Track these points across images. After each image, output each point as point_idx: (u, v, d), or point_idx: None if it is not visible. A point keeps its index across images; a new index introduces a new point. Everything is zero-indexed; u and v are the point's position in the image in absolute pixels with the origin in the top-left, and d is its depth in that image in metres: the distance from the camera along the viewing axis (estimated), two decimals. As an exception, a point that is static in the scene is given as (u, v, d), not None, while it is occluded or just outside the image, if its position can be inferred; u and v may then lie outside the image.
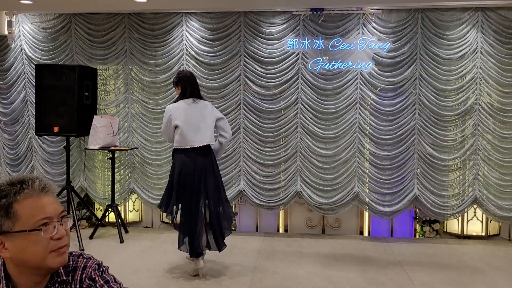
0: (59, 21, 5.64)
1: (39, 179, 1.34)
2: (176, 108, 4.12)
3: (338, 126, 5.40)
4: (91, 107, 5.48)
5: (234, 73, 5.48)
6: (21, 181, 1.32)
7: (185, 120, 4.07)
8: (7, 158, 5.93)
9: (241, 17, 5.41)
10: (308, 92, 5.41)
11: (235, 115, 5.53)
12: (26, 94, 5.78)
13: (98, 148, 5.26)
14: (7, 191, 1.30)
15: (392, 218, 5.54)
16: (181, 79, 4.19)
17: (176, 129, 4.08)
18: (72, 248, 4.82)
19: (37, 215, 1.30)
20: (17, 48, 5.75)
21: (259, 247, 5.14)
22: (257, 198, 5.55)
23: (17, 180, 1.33)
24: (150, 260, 4.68)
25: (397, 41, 5.23)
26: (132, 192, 5.85)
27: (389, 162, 5.38)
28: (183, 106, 4.12)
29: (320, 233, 5.75)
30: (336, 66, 5.30)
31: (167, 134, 4.20)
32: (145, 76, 5.58)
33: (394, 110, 5.32)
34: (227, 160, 5.57)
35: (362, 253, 4.99)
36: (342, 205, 5.46)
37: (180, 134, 4.06)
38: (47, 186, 1.34)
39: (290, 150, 5.50)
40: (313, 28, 5.31)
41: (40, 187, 1.32)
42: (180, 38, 5.52)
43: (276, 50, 5.41)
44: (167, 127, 4.14)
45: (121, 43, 5.59)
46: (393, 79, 5.29)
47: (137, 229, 5.85)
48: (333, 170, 5.45)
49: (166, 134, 4.23)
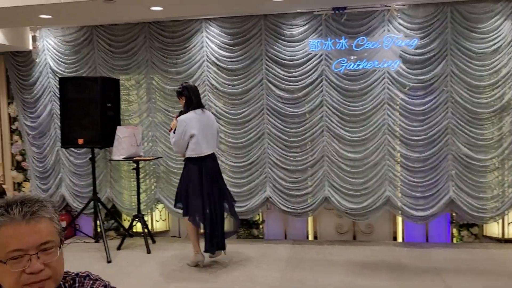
0: (81, 33, 5.68)
1: (25, 205, 1.20)
2: (190, 119, 4.46)
3: (366, 128, 5.20)
4: (115, 118, 5.48)
5: (256, 77, 5.37)
6: (6, 205, 1.20)
7: (199, 129, 4.44)
8: (36, 171, 6.01)
9: (261, 20, 5.29)
10: (333, 94, 5.23)
11: (258, 120, 5.41)
12: (52, 107, 5.84)
13: (122, 158, 5.24)
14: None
15: (427, 222, 5.28)
16: (185, 89, 4.54)
17: (192, 138, 4.42)
18: (100, 260, 4.85)
19: (9, 245, 1.17)
20: (42, 62, 5.82)
21: (288, 256, 4.99)
22: (284, 205, 5.41)
23: (3, 204, 1.21)
24: (176, 272, 4.60)
25: (425, 37, 4.98)
26: (158, 202, 5.81)
27: (421, 164, 5.13)
28: (194, 116, 4.48)
29: (351, 239, 5.55)
30: (362, 66, 5.11)
31: (180, 145, 4.48)
32: (166, 84, 5.54)
33: (425, 109, 5.07)
34: (252, 166, 5.46)
35: (395, 260, 4.76)
36: (373, 210, 5.24)
37: (196, 142, 4.43)
38: (32, 213, 1.19)
39: (317, 155, 5.33)
40: (336, 28, 5.13)
41: (21, 215, 1.18)
42: (200, 45, 5.45)
43: (298, 52, 5.26)
44: (182, 137, 4.43)
45: (142, 53, 5.57)
46: (423, 77, 5.05)
47: (165, 239, 5.80)
48: (362, 174, 5.24)
49: (178, 146, 4.51)
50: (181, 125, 4.43)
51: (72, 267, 4.69)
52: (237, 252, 5.17)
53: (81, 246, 5.59)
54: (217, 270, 4.63)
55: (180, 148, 4.51)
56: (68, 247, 5.54)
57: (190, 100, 4.51)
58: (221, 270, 4.62)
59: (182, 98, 4.58)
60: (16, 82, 5.92)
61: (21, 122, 5.97)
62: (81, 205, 5.78)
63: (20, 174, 6.10)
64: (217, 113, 5.47)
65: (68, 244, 5.65)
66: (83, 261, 4.99)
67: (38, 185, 6.01)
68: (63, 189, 5.92)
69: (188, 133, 4.42)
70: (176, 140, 4.49)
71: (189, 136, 4.43)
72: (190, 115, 4.47)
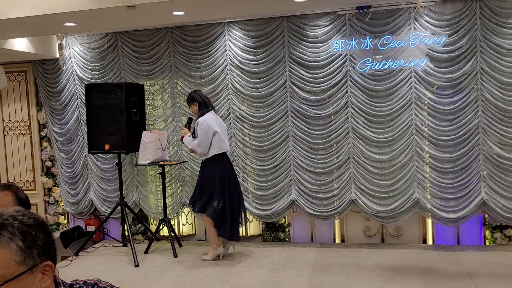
0: (105, 40, 5.75)
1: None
2: (209, 119, 4.79)
3: (393, 129, 5.09)
4: (140, 123, 5.53)
5: (279, 80, 5.32)
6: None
7: (218, 126, 4.80)
8: (65, 176, 6.11)
9: (283, 22, 5.25)
10: (359, 94, 5.14)
11: (282, 123, 5.36)
12: (79, 114, 5.93)
13: (148, 163, 5.28)
14: None
15: (458, 224, 5.13)
16: (196, 93, 4.89)
17: (215, 135, 4.74)
18: (128, 264, 4.89)
19: None
20: (68, 70, 5.92)
21: (315, 259, 4.92)
22: (310, 208, 5.34)
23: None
24: (202, 276, 4.60)
25: (453, 34, 4.84)
26: (184, 206, 5.83)
27: (451, 165, 4.99)
28: (212, 117, 4.84)
29: (380, 242, 5.44)
30: (387, 65, 5.00)
31: (205, 145, 4.73)
32: (190, 88, 5.53)
33: (454, 108, 4.93)
34: (277, 169, 5.41)
35: (426, 264, 4.64)
36: (401, 213, 5.13)
37: (219, 139, 4.76)
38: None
39: (343, 157, 5.24)
40: (360, 27, 5.04)
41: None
42: (223, 48, 5.44)
43: (322, 53, 5.19)
44: (206, 136, 4.71)
45: (165, 58, 5.60)
46: (451, 75, 4.91)
47: (191, 243, 5.81)
48: (390, 175, 5.13)
49: (202, 146, 4.74)
50: (203, 125, 4.73)
51: (100, 271, 4.79)
52: (263, 255, 5.13)
53: (109, 250, 5.65)
54: (243, 273, 4.60)
55: (204, 147, 4.74)
56: (96, 251, 5.62)
57: (204, 103, 4.87)
58: (247, 273, 4.60)
59: (194, 104, 4.89)
60: (44, 89, 6.04)
61: (50, 128, 6.09)
62: (109, 209, 5.86)
63: (50, 179, 6.22)
64: (241, 116, 5.46)
65: (96, 248, 5.73)
66: (111, 265, 5.05)
67: (67, 190, 6.12)
68: (91, 194, 6.00)
69: (211, 131, 4.73)
70: (200, 141, 4.73)
71: (212, 134, 4.73)
72: (208, 116, 4.82)
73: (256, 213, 5.50)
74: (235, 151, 5.52)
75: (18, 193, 1.89)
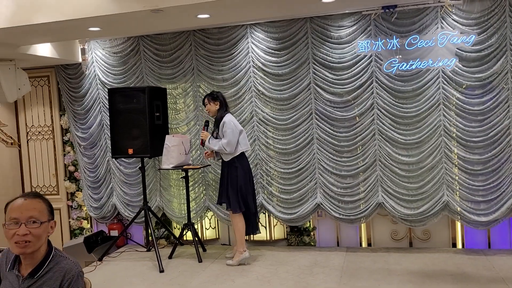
0: (128, 44, 5.74)
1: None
2: (233, 118, 4.94)
3: (421, 131, 4.98)
4: (163, 127, 5.50)
5: (303, 81, 5.25)
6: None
7: (240, 126, 4.95)
8: (88, 181, 6.11)
9: (307, 23, 5.17)
10: (385, 96, 5.04)
11: (307, 125, 5.29)
12: (102, 118, 5.93)
13: (172, 167, 5.24)
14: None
15: (489, 228, 4.99)
16: (219, 93, 5.00)
17: (241, 134, 4.86)
18: (152, 269, 4.85)
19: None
20: (91, 74, 5.93)
21: (342, 264, 4.83)
22: (336, 211, 5.25)
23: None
24: (229, 282, 4.54)
25: (482, 32, 4.72)
26: (207, 210, 5.78)
27: (482, 167, 4.86)
28: (232, 117, 4.97)
29: (408, 246, 5.32)
30: (415, 65, 4.89)
31: (234, 143, 4.79)
32: (213, 92, 5.50)
33: (484, 109, 4.80)
34: (301, 172, 5.34)
35: (457, 269, 4.52)
36: (430, 216, 5.01)
37: (244, 137, 4.91)
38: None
39: (369, 159, 5.15)
40: (386, 27, 4.94)
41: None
42: (246, 51, 5.39)
43: (346, 54, 5.10)
44: (234, 135, 4.78)
45: (188, 61, 5.57)
46: (481, 74, 4.78)
47: (215, 247, 5.77)
48: (418, 178, 5.02)
49: (232, 145, 4.78)
50: (230, 124, 4.81)
51: (125, 276, 4.76)
52: (289, 260, 5.06)
53: (133, 254, 5.63)
54: (270, 279, 4.53)
55: (233, 146, 4.80)
56: (120, 255, 5.61)
57: (225, 104, 4.97)
58: (274, 278, 4.53)
59: (216, 103, 4.94)
60: (67, 94, 6.05)
61: (73, 133, 6.10)
62: (132, 214, 5.84)
63: (73, 184, 6.23)
64: (264, 119, 5.39)
65: (120, 253, 5.71)
66: (136, 271, 5.02)
67: (90, 195, 6.12)
68: (114, 198, 5.99)
69: (238, 129, 4.84)
70: (230, 139, 4.77)
71: (238, 133, 4.83)
72: (230, 116, 4.94)
73: (281, 217, 5.42)
74: (259, 154, 5.46)
75: (46, 200, 2.06)
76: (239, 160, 4.87)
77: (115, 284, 4.62)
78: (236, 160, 4.87)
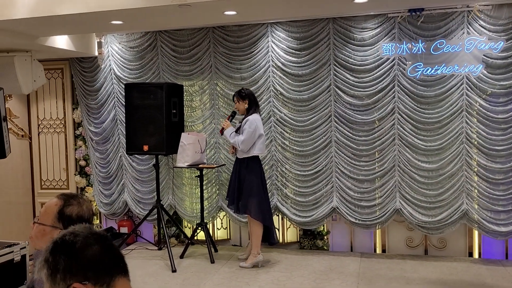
0: (145, 39, 5.65)
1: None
2: (258, 120, 4.81)
3: (442, 137, 4.90)
4: (179, 124, 5.41)
5: (323, 83, 5.16)
6: None
7: (262, 129, 4.85)
8: (100, 176, 6.02)
9: (329, 23, 5.09)
10: (406, 100, 4.95)
11: (325, 127, 5.20)
12: (116, 113, 5.84)
13: (187, 166, 5.16)
14: None
15: (507, 238, 4.92)
16: (249, 93, 4.86)
17: (260, 138, 4.76)
18: (164, 269, 4.76)
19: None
20: (106, 68, 5.83)
21: (358, 270, 4.75)
22: (352, 216, 5.17)
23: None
24: (242, 283, 4.46)
25: (510, 39, 4.64)
26: (220, 210, 5.70)
27: (503, 176, 4.78)
28: (259, 118, 4.87)
29: (423, 254, 5.24)
30: (440, 70, 4.81)
31: (249, 144, 4.72)
32: (230, 90, 5.41)
33: (508, 117, 4.73)
34: (318, 175, 5.25)
35: (476, 279, 4.44)
36: (448, 224, 4.93)
37: (262, 142, 4.81)
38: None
39: (387, 164, 5.06)
40: (411, 30, 4.85)
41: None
42: (265, 50, 5.30)
43: (369, 57, 5.02)
44: (253, 136, 4.71)
45: (206, 58, 5.48)
46: (505, 82, 4.70)
47: (226, 248, 5.68)
48: (437, 185, 4.94)
49: (247, 144, 4.72)
50: (253, 124, 4.72)
51: (138, 276, 4.67)
52: (303, 264, 4.98)
53: (143, 253, 5.55)
54: (286, 283, 4.46)
55: (247, 146, 4.74)
56: (131, 253, 5.52)
57: (254, 103, 4.86)
58: (289, 283, 4.45)
59: (245, 101, 4.84)
60: (81, 87, 5.96)
61: (85, 127, 6.01)
62: (143, 211, 5.75)
63: (83, 179, 6.14)
64: (282, 120, 5.31)
65: (130, 250, 5.63)
66: (148, 270, 4.94)
67: (101, 191, 6.03)
68: (125, 195, 5.90)
69: (258, 132, 4.75)
70: (247, 138, 4.70)
71: (257, 136, 4.75)
72: (257, 117, 4.83)
73: (295, 219, 5.34)
74: (275, 155, 5.37)
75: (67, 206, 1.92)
76: (251, 163, 4.83)
77: (127, 283, 4.52)
78: (248, 162, 4.83)
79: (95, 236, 1.17)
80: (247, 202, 4.82)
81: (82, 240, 1.15)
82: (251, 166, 4.82)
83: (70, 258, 1.13)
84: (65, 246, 1.14)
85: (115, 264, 1.17)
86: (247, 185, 4.80)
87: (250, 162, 4.83)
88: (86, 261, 1.13)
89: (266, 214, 4.88)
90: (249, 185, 4.80)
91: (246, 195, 4.80)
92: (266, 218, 4.87)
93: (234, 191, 4.92)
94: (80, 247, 1.14)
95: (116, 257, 1.18)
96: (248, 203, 4.81)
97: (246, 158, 4.83)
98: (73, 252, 1.13)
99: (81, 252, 1.14)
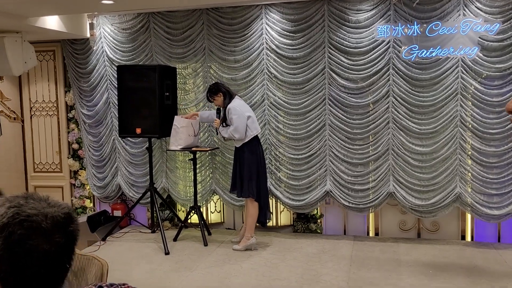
0: (138, 21, 5.56)
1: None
2: (239, 104, 4.79)
3: (436, 120, 4.87)
4: (172, 107, 5.37)
5: (318, 66, 5.11)
6: None
7: (248, 110, 4.84)
8: (93, 160, 5.99)
9: (324, 5, 5.02)
10: (401, 83, 4.92)
11: (319, 111, 5.17)
12: (109, 96, 5.78)
13: (180, 149, 5.12)
14: None
15: (500, 222, 4.93)
16: (218, 85, 4.91)
17: (249, 119, 4.74)
18: (158, 252, 4.78)
19: None
20: (98, 50, 5.76)
21: (350, 253, 4.76)
22: (345, 199, 5.17)
23: None
24: (236, 266, 4.47)
25: (506, 21, 4.59)
26: (213, 193, 5.69)
27: (497, 160, 4.77)
28: (240, 102, 4.86)
29: (416, 237, 5.26)
30: (435, 53, 4.76)
31: (242, 129, 4.69)
32: (224, 73, 5.37)
33: (502, 100, 4.69)
34: (312, 159, 5.24)
35: (468, 262, 4.46)
36: (442, 208, 4.94)
37: (252, 121, 4.78)
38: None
39: (381, 148, 5.05)
40: (407, 12, 4.80)
41: None
42: (259, 32, 5.24)
43: (364, 39, 4.96)
44: (242, 121, 4.68)
45: (199, 40, 5.41)
46: (501, 65, 4.66)
47: (220, 231, 5.69)
48: (431, 169, 4.93)
49: (240, 131, 4.69)
50: (235, 110, 4.71)
51: (130, 258, 4.68)
52: (296, 247, 4.99)
53: (137, 236, 5.55)
54: (278, 265, 4.47)
55: (242, 132, 4.71)
56: (124, 236, 5.52)
57: (228, 92, 4.86)
58: (282, 265, 4.46)
59: (219, 95, 4.84)
60: (73, 70, 5.89)
61: (78, 110, 5.95)
62: (136, 194, 5.74)
63: (76, 162, 6.11)
64: (276, 103, 5.27)
65: (124, 233, 5.63)
66: (141, 252, 4.94)
67: (94, 174, 6.00)
68: (119, 178, 5.88)
69: (245, 115, 4.73)
70: (237, 125, 4.69)
71: (246, 118, 4.72)
72: (236, 102, 4.82)
73: (288, 203, 5.33)
74: (269, 138, 5.34)
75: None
76: (248, 146, 4.80)
77: (120, 265, 4.53)
78: (248, 146, 4.80)
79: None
80: (242, 183, 4.83)
81: None
82: (253, 149, 4.82)
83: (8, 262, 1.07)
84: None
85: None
86: (246, 167, 4.81)
87: (250, 145, 4.80)
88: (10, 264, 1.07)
89: (261, 192, 4.88)
90: (248, 166, 4.81)
91: (247, 176, 4.81)
92: (260, 196, 4.87)
93: (236, 177, 4.93)
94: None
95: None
96: (243, 183, 4.82)
97: (243, 145, 4.81)
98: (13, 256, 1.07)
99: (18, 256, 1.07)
